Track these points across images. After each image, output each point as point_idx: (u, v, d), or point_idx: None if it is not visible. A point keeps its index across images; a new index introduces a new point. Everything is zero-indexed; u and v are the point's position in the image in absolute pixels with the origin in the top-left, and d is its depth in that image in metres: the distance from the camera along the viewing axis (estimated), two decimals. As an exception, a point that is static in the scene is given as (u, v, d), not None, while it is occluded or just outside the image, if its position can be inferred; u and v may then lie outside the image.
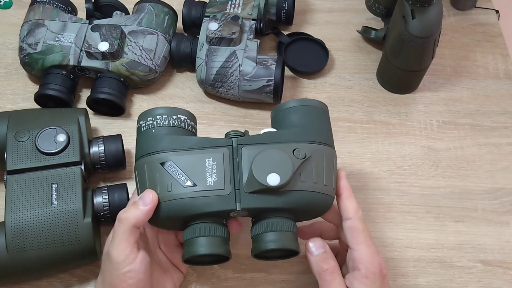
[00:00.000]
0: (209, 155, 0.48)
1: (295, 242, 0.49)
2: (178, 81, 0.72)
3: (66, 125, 0.58)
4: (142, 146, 0.51)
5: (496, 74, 0.74)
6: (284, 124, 0.53)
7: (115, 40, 0.65)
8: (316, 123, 0.52)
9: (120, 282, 0.46)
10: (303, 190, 0.48)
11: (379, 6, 0.73)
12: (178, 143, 0.49)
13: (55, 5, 0.68)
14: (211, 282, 0.58)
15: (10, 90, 0.71)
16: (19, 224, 0.52)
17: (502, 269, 0.60)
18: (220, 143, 0.49)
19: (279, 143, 0.49)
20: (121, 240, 0.47)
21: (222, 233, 0.49)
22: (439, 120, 0.70)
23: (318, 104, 0.54)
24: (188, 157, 0.48)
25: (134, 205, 0.47)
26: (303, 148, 0.49)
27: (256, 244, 0.49)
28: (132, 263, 0.46)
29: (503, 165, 0.67)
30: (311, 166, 0.48)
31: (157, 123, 0.51)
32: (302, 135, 0.50)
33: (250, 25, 0.69)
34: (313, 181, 0.48)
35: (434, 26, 0.62)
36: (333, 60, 0.75)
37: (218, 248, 0.48)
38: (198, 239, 0.48)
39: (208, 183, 0.47)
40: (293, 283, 0.59)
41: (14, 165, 0.56)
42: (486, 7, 0.80)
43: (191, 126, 0.53)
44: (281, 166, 0.46)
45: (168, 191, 0.47)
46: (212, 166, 0.48)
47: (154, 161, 0.49)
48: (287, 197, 0.47)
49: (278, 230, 0.48)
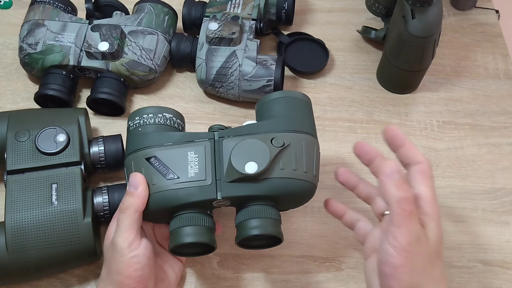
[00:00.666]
0: (191, 148, 0.50)
1: (278, 229, 0.50)
2: (178, 81, 0.72)
3: (66, 125, 0.58)
4: (130, 144, 0.53)
5: (496, 74, 0.74)
6: (267, 115, 0.54)
7: (115, 40, 0.65)
8: (296, 113, 0.53)
9: (126, 267, 0.48)
10: (282, 177, 0.49)
11: (379, 6, 0.73)
12: (163, 138, 0.51)
13: (55, 5, 0.68)
14: (211, 282, 0.58)
15: (10, 90, 0.71)
16: (19, 224, 0.52)
17: (502, 269, 0.60)
18: (203, 137, 0.51)
19: (259, 134, 0.50)
20: (125, 228, 0.49)
21: (206, 222, 0.50)
22: (439, 120, 0.70)
23: (299, 96, 0.55)
24: (171, 151, 0.50)
25: (128, 194, 0.49)
26: (282, 136, 0.50)
27: (239, 231, 0.50)
28: (137, 248, 0.48)
29: (503, 165, 0.67)
30: (290, 153, 0.49)
31: (144, 122, 0.53)
32: (282, 125, 0.51)
33: (250, 25, 0.69)
34: (292, 168, 0.49)
35: (434, 26, 0.62)
36: (333, 60, 0.75)
37: (203, 237, 0.49)
38: (183, 228, 0.49)
39: (190, 175, 0.49)
40: (293, 283, 0.59)
41: (14, 165, 0.56)
42: (486, 7, 0.80)
43: (177, 123, 0.54)
44: (258, 155, 0.48)
45: (152, 184, 0.49)
46: (194, 158, 0.50)
47: (140, 157, 0.51)
48: (266, 184, 0.49)
49: (260, 217, 0.49)
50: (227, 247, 0.59)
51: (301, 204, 0.54)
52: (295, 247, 0.61)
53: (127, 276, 0.48)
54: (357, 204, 0.54)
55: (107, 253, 0.51)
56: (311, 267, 0.60)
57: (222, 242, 0.58)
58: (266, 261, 0.60)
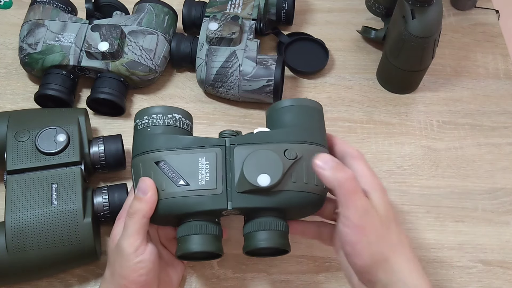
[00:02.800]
0: (202, 155, 0.49)
1: (286, 240, 0.50)
2: (178, 81, 0.72)
3: (66, 125, 0.58)
4: (138, 145, 0.52)
5: (496, 74, 0.74)
6: (278, 123, 0.53)
7: (115, 40, 0.65)
8: (309, 123, 0.53)
9: (131, 272, 0.48)
10: (293, 190, 0.48)
11: (379, 6, 0.73)
12: (173, 142, 0.50)
13: (55, 5, 0.68)
14: (211, 282, 0.58)
15: (10, 90, 0.71)
16: (19, 224, 0.52)
17: (502, 269, 0.60)
18: (214, 143, 0.50)
19: (271, 143, 0.49)
20: (132, 232, 0.48)
21: (214, 231, 0.50)
22: (439, 120, 0.70)
23: (312, 104, 0.54)
24: (182, 157, 0.49)
25: (136, 198, 0.49)
26: (295, 148, 0.49)
27: (247, 242, 0.50)
28: (142, 253, 0.48)
29: (503, 165, 0.67)
30: (302, 166, 0.49)
31: (153, 122, 0.52)
32: (294, 135, 0.50)
33: (250, 25, 0.69)
34: (303, 181, 0.49)
35: (434, 26, 0.62)
36: (333, 60, 0.75)
37: (210, 245, 0.49)
38: (191, 236, 0.49)
39: (200, 183, 0.48)
40: (293, 283, 0.59)
41: (14, 165, 0.56)
42: (486, 7, 0.80)
43: (187, 124, 0.54)
44: (271, 167, 0.47)
45: (162, 189, 0.48)
46: (205, 165, 0.49)
47: (148, 160, 0.50)
48: (278, 197, 0.48)
49: (269, 229, 0.49)
50: (227, 247, 0.59)
51: (309, 215, 0.54)
52: (295, 247, 0.60)
53: (132, 281, 0.48)
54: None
55: (111, 255, 0.51)
56: (311, 267, 0.60)
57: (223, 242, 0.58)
58: (266, 261, 0.60)
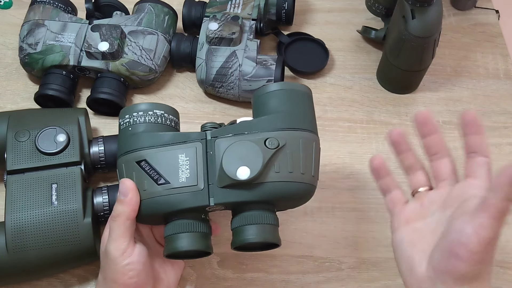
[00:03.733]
0: (182, 151, 0.48)
1: (275, 234, 0.48)
2: (178, 81, 0.72)
3: (66, 125, 0.58)
4: (121, 145, 0.51)
5: (496, 74, 0.74)
6: (263, 110, 0.51)
7: (115, 40, 0.65)
8: (295, 108, 0.50)
9: (121, 275, 0.47)
10: (277, 181, 0.46)
11: (379, 6, 0.73)
12: (154, 139, 0.49)
13: (55, 5, 0.68)
14: (211, 282, 0.58)
15: (10, 90, 0.71)
16: (19, 224, 0.52)
17: (502, 269, 0.60)
18: (194, 137, 0.49)
19: (254, 133, 0.48)
20: (117, 236, 0.48)
21: (201, 228, 0.49)
22: (439, 120, 0.70)
23: (299, 88, 0.51)
24: (162, 154, 0.48)
25: (118, 201, 0.49)
26: (277, 136, 0.47)
27: (235, 237, 0.49)
28: (130, 255, 0.48)
29: (503, 165, 0.66)
30: (286, 154, 0.47)
31: (134, 121, 0.51)
32: (278, 123, 0.48)
33: (250, 25, 0.69)
34: (288, 170, 0.47)
35: (434, 26, 0.62)
36: (333, 60, 0.75)
37: (197, 244, 0.48)
38: (178, 235, 0.48)
39: (181, 180, 0.47)
40: (293, 283, 0.59)
41: (14, 165, 0.56)
42: (486, 7, 0.80)
43: (169, 120, 0.52)
44: (251, 159, 0.46)
45: (143, 190, 0.48)
46: (185, 162, 0.48)
47: (131, 160, 0.49)
48: (260, 189, 0.46)
49: (256, 223, 0.47)
50: (227, 247, 0.59)
51: (300, 205, 0.53)
52: (295, 247, 0.61)
53: (122, 284, 0.48)
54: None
55: (102, 259, 0.50)
56: (311, 267, 0.60)
57: (223, 242, 0.58)
58: (266, 261, 0.60)
